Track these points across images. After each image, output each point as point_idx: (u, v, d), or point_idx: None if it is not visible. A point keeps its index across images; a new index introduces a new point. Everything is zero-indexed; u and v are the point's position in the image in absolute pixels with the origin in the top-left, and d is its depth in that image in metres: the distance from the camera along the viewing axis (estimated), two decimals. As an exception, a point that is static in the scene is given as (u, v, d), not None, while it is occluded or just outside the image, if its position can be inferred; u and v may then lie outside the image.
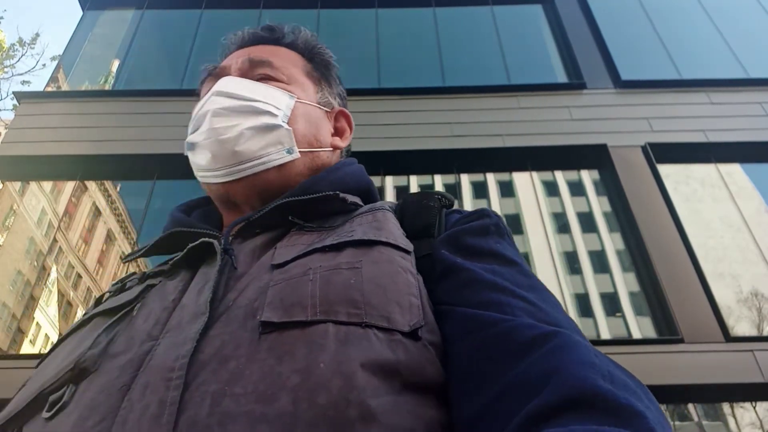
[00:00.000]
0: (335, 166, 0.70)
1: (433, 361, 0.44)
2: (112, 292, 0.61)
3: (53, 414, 0.43)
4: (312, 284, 0.47)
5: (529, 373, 0.38)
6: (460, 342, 0.46)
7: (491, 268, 0.52)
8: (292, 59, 0.77)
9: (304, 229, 0.59)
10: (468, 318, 0.47)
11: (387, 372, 0.41)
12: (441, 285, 0.52)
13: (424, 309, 0.48)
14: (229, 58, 0.77)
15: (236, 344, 0.43)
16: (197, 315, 0.46)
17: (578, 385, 0.35)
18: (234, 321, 0.45)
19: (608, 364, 0.38)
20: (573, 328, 0.45)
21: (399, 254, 0.52)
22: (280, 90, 0.70)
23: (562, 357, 0.38)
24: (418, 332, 0.45)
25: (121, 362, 0.44)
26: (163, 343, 0.44)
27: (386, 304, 0.46)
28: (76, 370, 0.46)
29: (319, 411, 0.37)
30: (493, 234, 0.57)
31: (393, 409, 0.39)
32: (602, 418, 0.32)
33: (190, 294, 0.50)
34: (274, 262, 0.52)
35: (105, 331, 0.50)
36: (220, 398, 0.39)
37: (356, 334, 0.43)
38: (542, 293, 0.50)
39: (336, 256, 0.51)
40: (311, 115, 0.73)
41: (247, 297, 0.47)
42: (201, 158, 0.67)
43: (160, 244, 0.64)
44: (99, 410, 0.41)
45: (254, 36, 0.79)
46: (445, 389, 0.44)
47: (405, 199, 0.65)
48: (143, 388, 0.41)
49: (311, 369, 0.39)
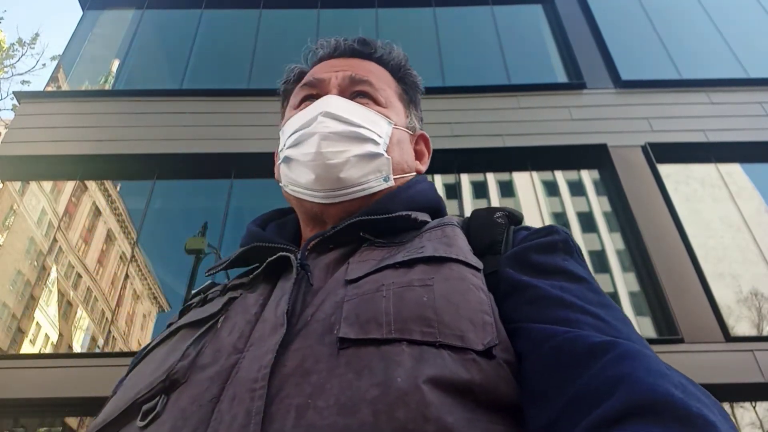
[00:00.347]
0: (407, 184, 0.72)
1: (508, 380, 0.44)
2: (196, 304, 0.63)
3: (147, 423, 0.45)
4: (386, 301, 0.48)
5: (596, 380, 0.38)
6: (527, 358, 0.46)
7: (559, 284, 0.51)
8: (386, 79, 0.79)
9: (374, 244, 0.60)
10: (534, 333, 0.47)
11: (461, 390, 0.41)
12: (506, 303, 0.51)
13: (497, 327, 0.48)
14: (324, 68, 0.78)
15: (316, 359, 0.44)
16: (276, 327, 0.48)
17: (649, 391, 0.34)
18: (312, 335, 0.47)
19: (680, 377, 0.38)
20: (644, 346, 0.44)
21: (470, 271, 0.53)
22: (380, 115, 0.73)
23: (631, 364, 0.38)
24: (492, 351, 0.45)
25: (210, 374, 0.46)
26: (248, 356, 0.46)
27: (459, 321, 0.46)
28: (168, 382, 0.48)
29: (399, 425, 0.38)
30: (560, 251, 0.56)
31: (468, 425, 0.40)
32: (673, 425, 0.32)
33: (269, 308, 0.52)
34: (348, 277, 0.53)
35: (193, 343, 0.52)
36: (304, 411, 0.40)
37: (430, 353, 0.43)
38: (612, 310, 0.49)
39: (408, 272, 0.52)
40: (402, 141, 0.76)
41: (324, 312, 0.49)
42: (301, 176, 0.69)
43: (240, 258, 0.66)
44: (191, 421, 0.43)
45: (349, 48, 0.80)
46: (520, 407, 0.44)
47: (473, 215, 0.66)
48: (231, 399, 0.43)
49: (389, 383, 0.40)
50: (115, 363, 4.96)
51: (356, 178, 0.68)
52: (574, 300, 0.49)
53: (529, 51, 8.05)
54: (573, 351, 0.42)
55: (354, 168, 0.67)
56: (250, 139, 6.44)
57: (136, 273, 6.11)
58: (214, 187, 6.57)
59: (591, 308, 0.48)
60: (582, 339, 0.43)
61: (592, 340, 0.42)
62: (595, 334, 0.44)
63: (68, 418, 5.16)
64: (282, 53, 7.88)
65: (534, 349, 0.45)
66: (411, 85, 0.82)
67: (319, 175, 0.67)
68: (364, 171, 0.68)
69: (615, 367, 0.38)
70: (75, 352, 5.73)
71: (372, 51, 0.80)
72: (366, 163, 0.68)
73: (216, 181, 6.54)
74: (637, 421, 0.33)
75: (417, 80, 0.83)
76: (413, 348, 0.43)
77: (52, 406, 4.88)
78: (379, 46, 0.81)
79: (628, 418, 0.33)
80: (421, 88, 0.84)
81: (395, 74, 0.81)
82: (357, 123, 0.69)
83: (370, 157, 0.69)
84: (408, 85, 0.82)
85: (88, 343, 5.96)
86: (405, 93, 0.81)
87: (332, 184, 0.67)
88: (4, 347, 5.41)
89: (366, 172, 0.68)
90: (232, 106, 6.88)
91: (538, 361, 0.44)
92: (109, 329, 5.70)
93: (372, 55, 0.80)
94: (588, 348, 0.42)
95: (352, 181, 0.67)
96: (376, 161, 0.69)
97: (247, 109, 6.82)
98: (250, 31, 8.03)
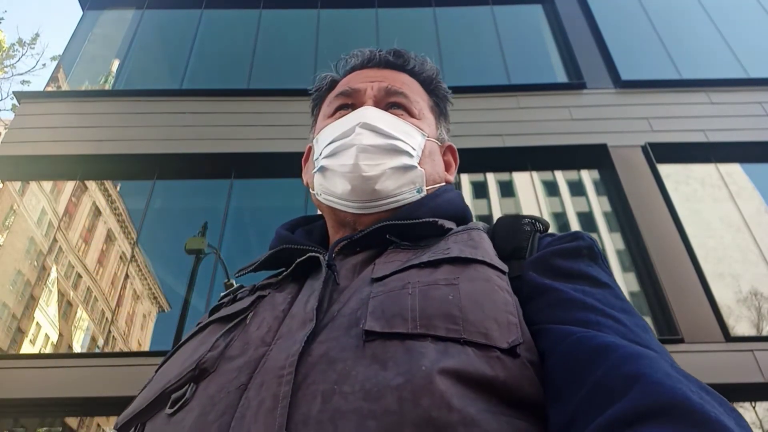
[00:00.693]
0: (435, 193, 0.73)
1: (532, 379, 0.45)
2: (226, 303, 0.65)
3: (176, 410, 0.47)
4: (411, 298, 0.49)
5: (610, 377, 0.38)
6: (548, 358, 0.46)
7: (581, 288, 0.52)
8: (419, 91, 0.80)
9: (400, 246, 0.62)
10: (554, 334, 0.47)
11: (484, 386, 0.42)
12: (529, 306, 0.52)
13: (521, 327, 0.48)
14: (359, 78, 0.79)
15: (342, 348, 0.45)
16: (305, 322, 0.49)
17: (666, 393, 0.34)
18: (339, 328, 0.48)
19: (696, 382, 0.37)
20: (663, 353, 0.44)
21: (495, 273, 0.53)
22: (414, 127, 0.74)
23: (648, 364, 0.38)
24: (517, 349, 0.45)
25: (239, 364, 0.48)
26: (275, 348, 0.48)
27: (484, 320, 0.46)
28: (197, 371, 0.49)
29: (423, 412, 0.38)
30: (585, 257, 0.57)
31: (492, 418, 0.40)
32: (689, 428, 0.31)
33: (298, 304, 0.54)
34: (374, 276, 0.54)
35: (222, 336, 0.54)
36: (330, 396, 0.41)
37: (455, 349, 0.44)
38: (634, 317, 0.49)
39: (433, 272, 0.53)
40: (434, 153, 0.77)
41: (350, 307, 0.51)
42: (336, 186, 0.70)
43: (269, 260, 0.68)
44: (219, 406, 0.44)
45: (384, 59, 0.81)
46: (544, 407, 0.44)
47: (498, 221, 0.68)
48: (259, 386, 0.44)
49: (414, 372, 0.41)
50: (115, 363, 4.96)
51: (391, 189, 0.69)
52: (596, 303, 0.49)
53: (529, 51, 8.05)
54: (588, 348, 0.43)
55: (389, 180, 0.69)
56: (250, 139, 6.44)
57: (136, 273, 6.11)
58: (214, 187, 6.57)
59: (612, 312, 0.48)
60: (597, 338, 0.43)
61: (607, 339, 0.43)
62: (612, 336, 0.44)
63: (68, 418, 5.16)
64: (282, 53, 7.90)
65: (553, 348, 0.46)
66: (442, 98, 0.84)
67: (356, 186, 0.68)
68: (399, 183, 0.70)
69: (630, 364, 0.38)
70: (75, 352, 5.73)
71: (405, 63, 0.82)
72: (401, 175, 0.70)
73: (216, 181, 6.54)
74: (653, 423, 0.32)
75: (447, 93, 0.85)
76: (438, 344, 0.44)
77: (52, 406, 4.88)
78: (412, 58, 0.83)
79: (645, 419, 0.33)
80: (450, 101, 0.86)
81: (427, 86, 0.83)
82: (393, 135, 0.70)
83: (405, 169, 0.70)
84: (439, 97, 0.84)
85: (88, 343, 5.96)
86: (436, 105, 0.83)
87: (368, 195, 0.69)
88: (4, 347, 5.41)
89: (401, 184, 0.70)
90: (232, 106, 6.88)
91: (557, 359, 0.45)
92: (109, 329, 5.70)
93: (405, 66, 0.82)
94: (603, 345, 0.42)
95: (387, 193, 0.69)
96: (410, 173, 0.71)
97: (247, 109, 6.82)
98: (250, 31, 8.03)
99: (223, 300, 0.67)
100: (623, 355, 0.40)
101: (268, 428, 0.39)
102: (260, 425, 0.40)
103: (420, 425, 0.38)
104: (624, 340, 0.43)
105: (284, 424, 0.39)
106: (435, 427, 0.38)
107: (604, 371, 0.39)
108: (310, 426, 0.39)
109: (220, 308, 0.65)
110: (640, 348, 0.41)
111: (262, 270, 0.70)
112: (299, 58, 7.61)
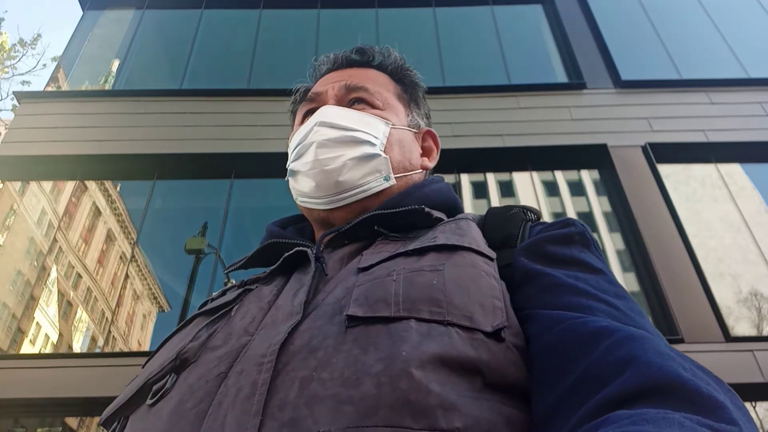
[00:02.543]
0: (422, 183, 0.73)
1: (518, 363, 0.44)
2: (214, 299, 0.65)
3: (156, 400, 0.47)
4: (395, 284, 0.49)
5: (603, 360, 0.38)
6: (536, 340, 0.46)
7: (574, 274, 0.52)
8: (384, 82, 0.80)
9: (389, 238, 0.62)
10: (544, 318, 0.47)
11: (468, 369, 0.42)
12: (520, 292, 0.52)
13: (507, 312, 0.48)
14: (323, 82, 0.80)
15: (324, 336, 0.45)
16: (291, 314, 0.49)
17: (659, 372, 0.34)
18: (322, 317, 0.48)
19: (690, 361, 0.37)
20: (658, 335, 0.44)
21: (482, 259, 0.53)
22: (376, 117, 0.74)
23: (640, 346, 0.38)
24: (501, 333, 0.45)
25: (220, 354, 0.48)
26: (258, 337, 0.48)
27: (469, 304, 0.46)
28: (178, 361, 0.50)
29: (401, 395, 0.38)
30: (577, 243, 0.56)
31: (474, 403, 0.40)
32: (683, 406, 0.31)
33: (284, 296, 0.54)
34: (360, 266, 0.54)
35: (205, 327, 0.54)
36: (308, 382, 0.41)
37: (438, 330, 0.43)
38: (628, 302, 0.49)
39: (419, 259, 0.53)
40: (404, 140, 0.77)
41: (335, 296, 0.50)
42: (304, 186, 0.71)
43: (259, 256, 0.69)
44: (197, 394, 0.44)
45: (346, 59, 0.82)
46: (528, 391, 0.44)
47: (488, 212, 0.67)
48: (238, 374, 0.44)
49: (394, 357, 0.41)
50: (115, 363, 4.96)
51: (355, 180, 0.69)
52: (589, 288, 0.49)
53: (529, 51, 8.05)
54: (580, 332, 0.42)
55: (351, 171, 0.69)
56: (250, 139, 6.44)
57: (136, 273, 6.11)
58: (214, 187, 6.57)
59: (606, 297, 0.48)
60: (591, 323, 0.43)
61: (601, 323, 0.42)
62: (606, 319, 0.44)
63: (68, 418, 5.16)
64: (282, 53, 7.91)
65: (543, 333, 0.45)
66: (410, 84, 0.84)
67: (320, 182, 0.69)
68: (363, 172, 0.69)
69: (623, 347, 0.38)
70: (75, 352, 5.73)
71: (369, 59, 0.82)
72: (363, 165, 0.70)
73: (216, 181, 6.54)
74: (646, 402, 0.32)
75: (416, 78, 0.85)
76: (421, 325, 0.44)
77: (52, 406, 4.88)
78: (376, 52, 0.83)
79: (636, 398, 0.33)
80: (422, 86, 0.86)
81: (394, 77, 0.83)
82: (351, 127, 0.71)
83: (367, 158, 0.70)
84: (407, 84, 0.83)
85: (88, 343, 5.96)
86: (404, 92, 0.82)
87: (332, 189, 0.69)
88: (4, 347, 5.41)
89: (365, 173, 0.70)
90: (232, 106, 6.88)
91: (546, 343, 0.44)
92: (109, 329, 5.70)
93: (370, 62, 0.82)
94: (596, 330, 0.42)
95: (351, 184, 0.69)
96: (373, 162, 0.70)
97: (247, 109, 6.82)
98: (250, 31, 8.03)
99: (212, 297, 0.67)
100: (616, 340, 0.39)
101: (245, 414, 0.40)
102: (237, 411, 0.40)
103: (396, 408, 0.38)
104: (617, 323, 0.43)
105: (261, 410, 0.39)
106: (412, 409, 0.37)
107: (596, 356, 0.39)
108: (285, 411, 0.39)
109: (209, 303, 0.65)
110: (633, 330, 0.41)
111: (252, 266, 0.70)
112: (299, 58, 7.60)
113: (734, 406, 0.33)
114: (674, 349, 0.38)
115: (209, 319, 0.55)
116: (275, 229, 0.73)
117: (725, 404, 0.31)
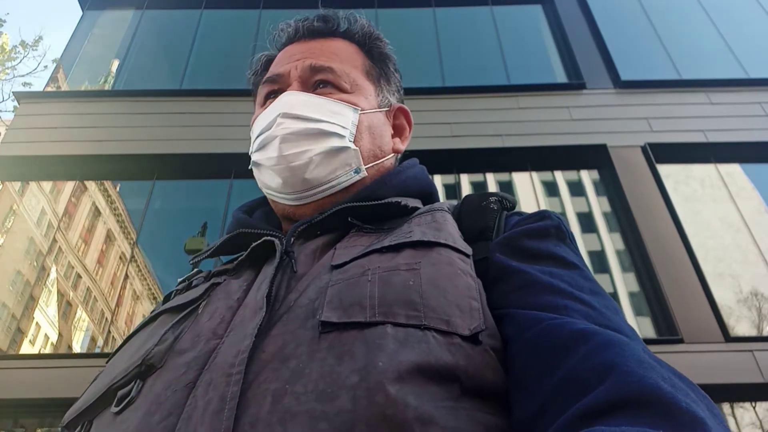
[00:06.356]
0: (397, 170, 0.70)
1: (495, 367, 0.43)
2: (180, 291, 0.62)
3: (121, 409, 0.45)
4: (371, 285, 0.47)
5: (582, 367, 0.37)
6: (512, 344, 0.45)
7: (549, 270, 0.50)
8: (351, 56, 0.74)
9: (363, 230, 0.59)
10: (520, 319, 0.46)
11: (445, 376, 0.40)
12: (495, 289, 0.50)
13: (484, 313, 0.46)
14: (285, 58, 0.74)
15: (297, 343, 0.43)
16: (255, 311, 0.47)
17: (638, 384, 0.33)
18: (295, 320, 0.46)
19: (669, 369, 0.36)
20: (634, 337, 0.43)
21: (458, 256, 0.51)
22: (343, 104, 0.69)
23: (619, 353, 0.37)
24: (479, 336, 0.44)
25: (187, 359, 0.45)
26: (227, 342, 0.45)
27: (446, 306, 0.45)
28: (143, 367, 0.47)
29: (378, 410, 0.37)
30: (552, 236, 0.55)
31: (451, 413, 0.39)
32: (658, 420, 0.31)
33: (252, 293, 0.51)
34: (334, 262, 0.52)
35: (171, 328, 0.51)
36: (281, 396, 0.39)
37: (415, 336, 0.42)
38: (603, 299, 0.48)
39: (394, 257, 0.51)
40: (374, 125, 0.72)
41: (308, 297, 0.48)
42: (270, 180, 0.68)
43: (225, 245, 0.65)
44: (165, 406, 0.42)
45: (309, 29, 0.75)
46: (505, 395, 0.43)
47: (464, 200, 0.64)
48: (207, 385, 0.42)
49: (369, 369, 0.39)
50: (114, 363, 4.95)
51: (324, 176, 0.66)
52: (564, 286, 0.48)
53: (529, 51, 8.05)
54: (558, 336, 0.41)
55: (319, 167, 0.65)
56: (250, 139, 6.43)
57: (135, 273, 6.11)
58: (214, 187, 6.57)
59: (581, 295, 0.47)
60: (568, 325, 0.42)
61: (578, 326, 0.42)
62: (582, 321, 0.43)
63: (68, 419, 5.15)
64: (282, 53, 7.91)
65: (519, 334, 0.44)
66: (379, 57, 0.77)
67: (286, 178, 0.65)
68: (331, 167, 0.66)
69: (601, 354, 0.37)
70: (75, 352, 5.73)
71: (334, 27, 0.76)
72: (332, 159, 0.66)
73: (216, 181, 6.54)
74: (625, 414, 0.32)
75: (385, 49, 0.78)
76: (397, 330, 0.42)
77: (52, 406, 4.88)
78: (341, 18, 0.76)
79: (615, 410, 0.32)
80: (392, 57, 0.79)
81: (363, 47, 0.77)
82: (317, 118, 0.66)
83: (336, 151, 0.66)
84: (376, 57, 0.77)
85: (87, 344, 5.96)
86: (374, 67, 0.76)
87: (298, 186, 0.66)
88: (4, 347, 5.41)
89: (333, 168, 0.66)
90: (232, 106, 6.88)
91: (523, 346, 0.43)
92: (109, 329, 5.70)
93: (336, 31, 0.76)
94: (573, 333, 0.41)
95: (319, 180, 0.66)
96: (342, 155, 0.66)
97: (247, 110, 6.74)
98: (250, 31, 8.02)
99: (178, 287, 0.64)
100: (594, 345, 0.38)
101: (214, 431, 0.38)
102: (206, 427, 0.38)
103: (372, 424, 0.36)
104: (594, 326, 0.42)
105: (230, 427, 0.38)
106: (389, 425, 0.36)
107: (575, 362, 0.38)
108: (257, 428, 0.38)
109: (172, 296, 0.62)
110: (611, 334, 0.40)
111: (219, 255, 0.66)
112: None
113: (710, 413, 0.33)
114: (653, 355, 0.38)
115: (176, 317, 0.53)
116: (242, 216, 0.69)
117: (704, 420, 0.31)
